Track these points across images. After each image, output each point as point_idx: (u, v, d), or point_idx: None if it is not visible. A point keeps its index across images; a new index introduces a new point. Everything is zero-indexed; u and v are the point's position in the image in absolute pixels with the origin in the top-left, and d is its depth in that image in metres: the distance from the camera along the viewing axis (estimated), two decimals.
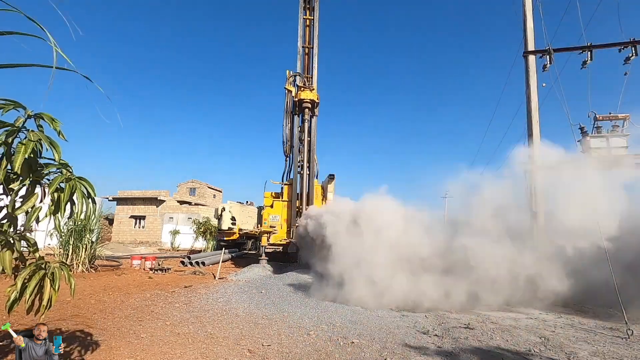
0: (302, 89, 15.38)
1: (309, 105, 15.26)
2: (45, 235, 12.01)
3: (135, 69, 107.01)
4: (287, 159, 16.19)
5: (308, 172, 15.29)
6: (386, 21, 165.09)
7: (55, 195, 2.14)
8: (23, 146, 1.95)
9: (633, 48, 9.58)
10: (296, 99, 15.38)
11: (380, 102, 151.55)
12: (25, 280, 2.38)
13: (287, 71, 17.12)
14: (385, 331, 5.92)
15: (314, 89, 15.43)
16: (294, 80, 16.01)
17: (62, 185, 2.21)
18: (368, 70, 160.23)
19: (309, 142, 15.42)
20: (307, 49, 16.67)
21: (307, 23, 16.74)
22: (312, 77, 15.98)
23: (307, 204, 14.82)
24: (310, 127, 15.47)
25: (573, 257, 8.30)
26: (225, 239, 20.86)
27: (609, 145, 9.60)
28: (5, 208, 2.15)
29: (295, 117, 15.85)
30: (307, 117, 15.33)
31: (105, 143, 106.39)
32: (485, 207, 9.29)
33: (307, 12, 16.71)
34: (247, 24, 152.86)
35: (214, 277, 11.80)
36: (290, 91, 15.88)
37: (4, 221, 2.18)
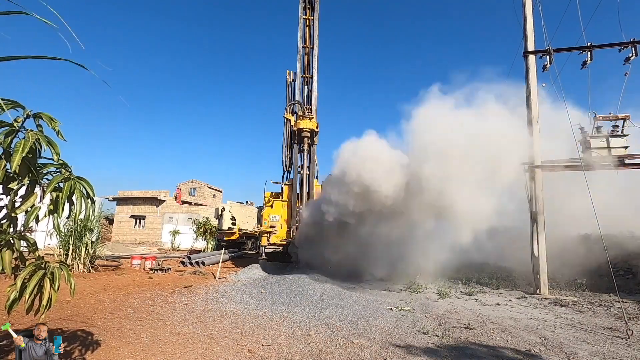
0: (301, 117, 15.16)
1: (308, 135, 15.02)
2: (45, 235, 12.01)
3: (135, 69, 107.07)
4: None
5: (308, 172, 15.28)
6: (385, 21, 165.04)
7: (54, 194, 2.14)
8: (21, 145, 1.95)
9: (633, 48, 9.56)
10: (295, 128, 15.15)
11: (380, 101, 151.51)
12: (25, 280, 2.38)
13: (287, 72, 17.12)
14: (385, 331, 5.92)
15: (313, 118, 15.20)
16: (293, 109, 15.91)
17: (61, 184, 2.21)
18: (367, 70, 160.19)
19: (310, 144, 15.35)
20: (307, 49, 16.66)
21: (307, 23, 16.72)
22: (311, 107, 15.71)
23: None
24: (310, 157, 15.30)
25: None
26: (225, 239, 20.88)
27: (609, 145, 9.59)
28: (5, 208, 2.15)
29: (295, 145, 15.60)
30: (306, 146, 15.12)
31: (105, 143, 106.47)
32: None
33: (307, 12, 16.69)
34: (247, 23, 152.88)
35: (214, 277, 11.79)
36: (289, 120, 15.77)
37: (4, 221, 2.18)
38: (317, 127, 15.40)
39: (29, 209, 2.13)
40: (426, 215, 10.21)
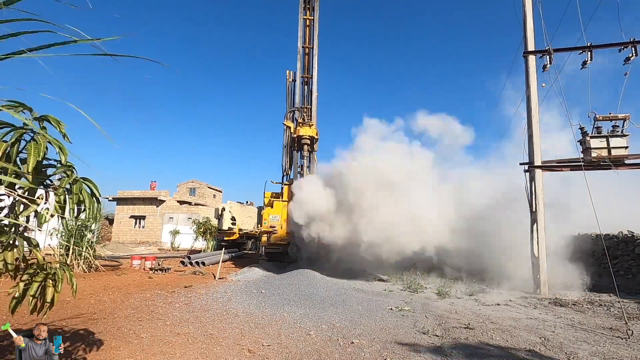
0: (301, 124, 15.17)
1: (308, 142, 15.03)
2: (45, 236, 12.04)
3: (135, 68, 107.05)
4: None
5: (308, 172, 15.29)
6: (385, 21, 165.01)
7: (61, 197, 2.15)
8: (32, 148, 1.97)
9: (633, 48, 9.56)
10: (295, 135, 15.15)
11: (380, 101, 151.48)
12: (27, 281, 2.38)
13: (287, 72, 17.13)
14: (385, 331, 5.93)
15: (312, 125, 15.20)
16: (293, 115, 15.87)
17: (68, 187, 2.22)
18: (367, 70, 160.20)
19: (309, 151, 15.34)
20: (307, 49, 16.67)
21: (307, 23, 16.74)
22: (311, 106, 15.74)
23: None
24: (310, 163, 15.29)
25: None
26: (225, 239, 20.87)
27: (609, 145, 9.60)
28: (7, 209, 2.15)
29: (295, 151, 15.64)
30: (306, 153, 15.12)
31: (105, 143, 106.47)
32: None
33: (307, 12, 16.71)
34: (247, 23, 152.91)
35: (214, 277, 11.80)
36: (289, 127, 15.71)
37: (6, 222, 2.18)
38: (317, 135, 15.39)
39: (37, 211, 2.14)
40: None
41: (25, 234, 2.32)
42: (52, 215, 2.22)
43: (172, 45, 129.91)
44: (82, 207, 2.29)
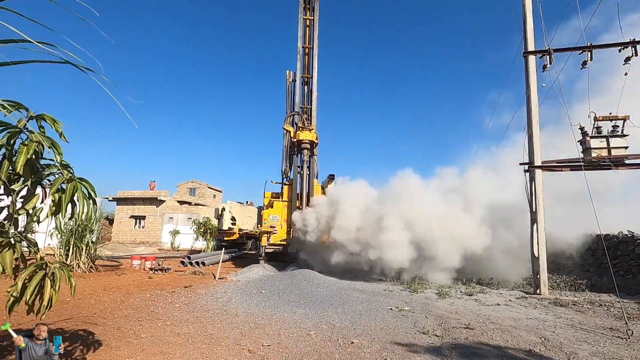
0: (301, 129, 15.15)
1: (308, 146, 15.02)
2: (45, 236, 12.05)
3: (135, 69, 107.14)
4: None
5: (308, 172, 15.28)
6: (385, 21, 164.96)
7: (56, 196, 2.14)
8: (25, 147, 1.96)
9: (633, 48, 9.55)
10: (295, 140, 15.14)
11: (379, 101, 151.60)
12: (26, 281, 2.38)
13: (287, 72, 17.13)
14: (385, 331, 5.93)
15: (312, 129, 15.17)
16: (292, 120, 15.87)
17: (64, 186, 2.21)
18: (367, 70, 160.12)
19: (310, 155, 15.33)
20: (307, 49, 16.68)
21: (307, 23, 16.74)
22: (310, 117, 15.70)
23: (307, 204, 14.81)
24: (310, 165, 15.25)
25: None
26: (225, 239, 20.88)
27: (609, 145, 9.59)
28: (7, 209, 2.15)
29: (294, 155, 15.63)
30: (306, 157, 15.09)
31: (105, 143, 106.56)
32: None
33: (307, 12, 16.71)
34: (247, 23, 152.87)
35: (214, 277, 11.80)
36: (288, 131, 15.69)
37: (5, 221, 2.18)
38: (316, 139, 15.36)
39: (31, 210, 2.13)
40: None
41: (25, 234, 2.32)
42: (47, 216, 2.21)
43: (173, 45, 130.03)
44: (76, 207, 2.28)
